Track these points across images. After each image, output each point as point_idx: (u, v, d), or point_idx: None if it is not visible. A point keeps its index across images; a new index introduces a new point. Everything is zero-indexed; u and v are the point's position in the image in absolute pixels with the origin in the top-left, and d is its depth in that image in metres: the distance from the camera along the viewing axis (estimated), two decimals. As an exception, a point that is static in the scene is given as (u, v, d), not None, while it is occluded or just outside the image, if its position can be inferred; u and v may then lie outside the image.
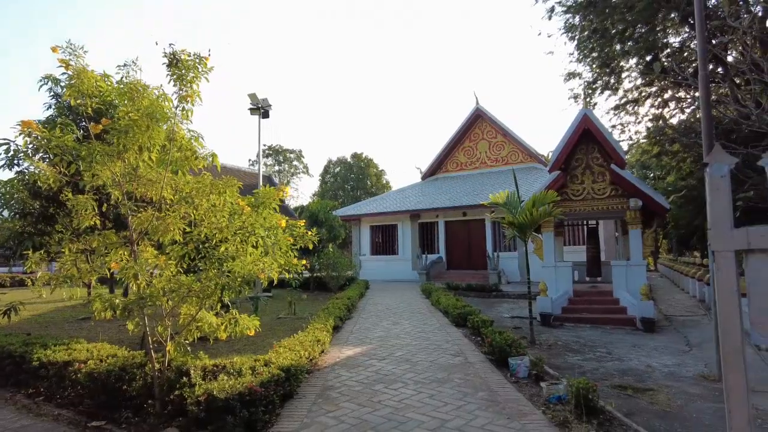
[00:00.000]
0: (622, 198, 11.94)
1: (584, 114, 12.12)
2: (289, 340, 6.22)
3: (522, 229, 8.84)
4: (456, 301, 10.98)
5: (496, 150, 26.10)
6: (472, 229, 23.37)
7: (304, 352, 5.75)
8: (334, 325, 8.63)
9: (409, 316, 10.69)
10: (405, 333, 8.50)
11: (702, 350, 8.30)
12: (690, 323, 11.38)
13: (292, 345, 5.87)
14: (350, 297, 11.62)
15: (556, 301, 11.77)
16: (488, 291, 17.05)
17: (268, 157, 57.77)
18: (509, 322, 11.39)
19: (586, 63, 17.49)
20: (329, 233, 18.43)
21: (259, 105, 17.24)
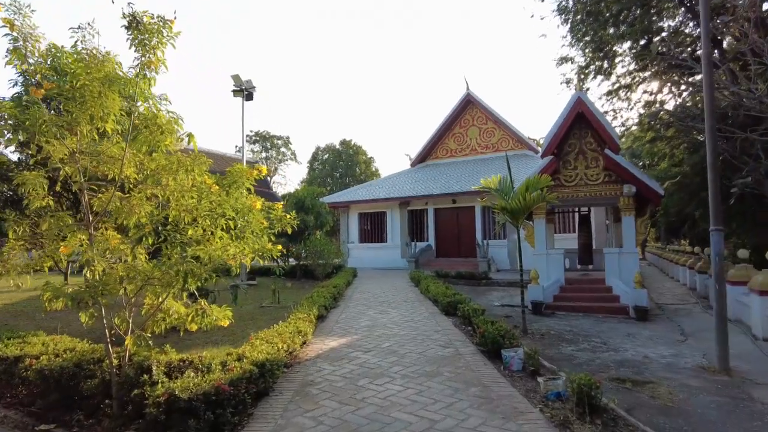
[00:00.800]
0: (616, 184, 11.64)
1: (578, 97, 11.74)
2: (268, 331, 5.80)
3: (514, 214, 8.48)
4: (446, 289, 10.64)
5: (487, 136, 25.71)
6: (461, 216, 23.04)
7: (283, 344, 5.33)
8: (319, 314, 8.22)
9: (398, 304, 10.33)
10: (393, 322, 8.12)
11: (697, 340, 8.06)
12: (682, 312, 11.18)
13: (270, 337, 5.44)
14: (337, 285, 11.21)
15: (547, 289, 11.49)
16: (478, 279, 16.77)
17: (255, 144, 56.80)
18: (500, 311, 11.09)
19: (579, 47, 17.10)
20: (316, 220, 17.92)
21: (242, 87, 16.58)
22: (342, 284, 12.35)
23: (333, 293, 10.01)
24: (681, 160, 14.79)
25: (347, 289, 13.02)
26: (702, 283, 13.41)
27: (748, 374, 5.89)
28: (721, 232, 6.03)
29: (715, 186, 6.17)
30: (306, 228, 17.37)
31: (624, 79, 17.29)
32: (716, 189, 6.14)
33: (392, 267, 22.85)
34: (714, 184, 6.17)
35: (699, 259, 14.55)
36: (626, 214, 11.59)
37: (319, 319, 8.27)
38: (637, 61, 16.08)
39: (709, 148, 6.14)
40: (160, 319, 4.52)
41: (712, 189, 6.14)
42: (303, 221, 17.36)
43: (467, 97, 25.85)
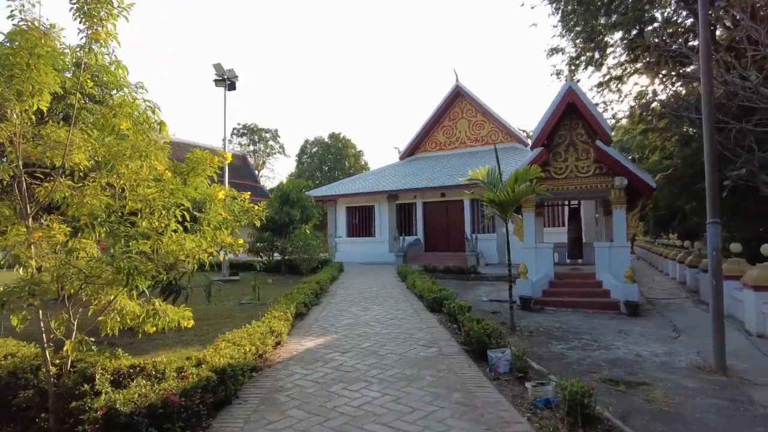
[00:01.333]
0: (607, 176, 11.33)
1: (569, 87, 11.39)
2: (237, 332, 5.37)
3: (503, 207, 8.12)
4: (432, 284, 10.28)
5: (476, 129, 25.36)
6: (450, 210, 22.71)
7: (251, 347, 4.91)
8: (297, 312, 7.81)
9: (382, 300, 9.95)
10: (375, 320, 7.74)
11: (691, 336, 7.79)
12: (674, 307, 10.94)
13: (238, 338, 5.02)
14: (320, 281, 10.79)
15: (536, 284, 11.18)
16: (466, 273, 16.46)
17: (242, 137, 55.94)
18: (487, 306, 10.76)
19: (570, 38, 16.76)
20: (302, 214, 17.45)
21: (224, 76, 16.03)
22: (326, 279, 11.93)
23: (315, 289, 9.59)
24: (672, 153, 14.55)
25: (331, 285, 12.61)
26: (692, 277, 13.20)
27: (746, 374, 5.60)
28: (718, 225, 5.70)
29: (713, 177, 5.83)
30: (291, 222, 16.92)
31: (615, 71, 17.00)
32: (714, 180, 5.80)
33: (380, 261, 22.48)
34: (711, 175, 5.83)
35: (689, 253, 14.35)
36: (617, 208, 11.30)
37: (297, 317, 7.86)
38: (628, 51, 15.78)
39: (707, 137, 5.80)
40: (113, 319, 4.07)
41: (709, 180, 5.80)
42: (288, 215, 16.91)
43: (456, 89, 25.45)
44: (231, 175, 44.26)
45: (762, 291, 7.68)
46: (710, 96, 5.80)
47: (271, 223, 17.20)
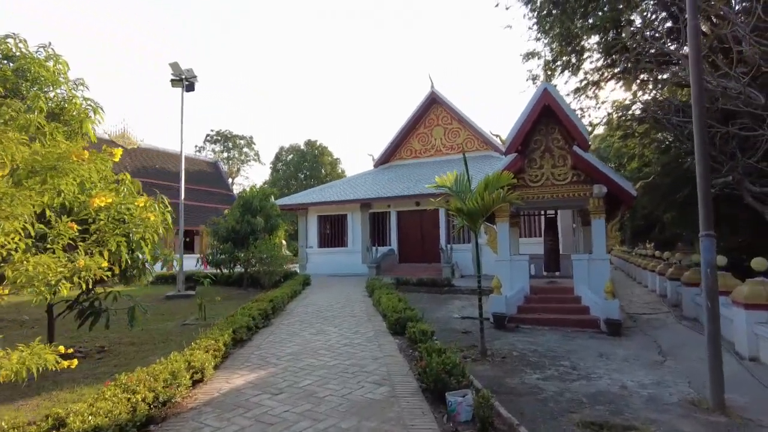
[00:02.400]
0: (585, 184, 10.65)
1: (544, 89, 10.71)
2: (139, 372, 4.33)
3: (472, 216, 7.29)
4: (398, 301, 9.37)
5: (452, 137, 24.74)
6: (425, 219, 21.92)
7: (150, 393, 3.89)
8: (237, 338, 6.78)
9: (342, 321, 8.98)
10: (327, 347, 6.76)
11: (678, 360, 7.04)
12: (656, 323, 10.27)
13: (135, 382, 3.99)
14: (274, 298, 9.75)
15: (511, 299, 10.38)
16: (440, 286, 15.63)
17: (216, 143, 54.48)
18: (459, 325, 9.90)
19: (546, 41, 16.23)
20: (266, 223, 16.37)
21: (181, 76, 14.93)
22: (285, 296, 10.90)
23: (264, 309, 8.56)
24: (651, 161, 14.05)
25: (292, 302, 11.58)
26: (673, 290, 12.61)
27: (748, 411, 4.82)
28: (713, 238, 4.92)
29: (705, 183, 5.06)
30: (253, 232, 15.83)
31: (592, 76, 16.52)
32: (706, 187, 5.03)
33: (353, 273, 21.49)
34: (704, 180, 5.06)
35: (669, 265, 13.78)
36: (596, 217, 10.62)
37: (237, 343, 6.83)
38: (605, 55, 15.30)
39: (698, 138, 5.05)
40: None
41: (702, 186, 5.02)
42: (250, 224, 15.83)
43: (432, 96, 24.83)
44: (202, 183, 42.75)
45: (754, 309, 7.00)
46: (700, 90, 5.06)
47: (233, 234, 16.11)
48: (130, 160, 37.95)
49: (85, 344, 7.59)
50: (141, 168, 37.84)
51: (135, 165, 37.97)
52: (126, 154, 38.11)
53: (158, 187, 37.60)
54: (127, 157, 37.88)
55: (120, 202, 4.55)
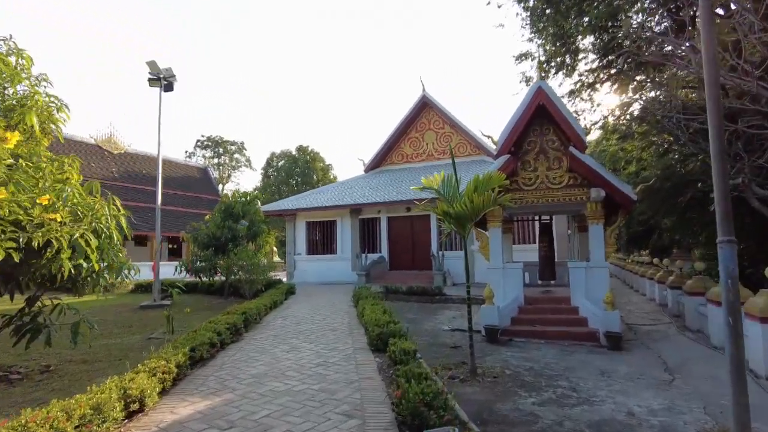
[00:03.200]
0: (582, 188, 10.04)
1: (538, 87, 10.12)
2: (57, 405, 3.59)
3: (460, 221, 6.64)
4: (382, 313, 8.67)
5: (444, 141, 24.16)
6: (416, 225, 21.29)
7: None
8: (198, 356, 6.05)
9: (320, 335, 8.26)
10: (297, 367, 6.04)
11: (687, 379, 6.39)
12: (657, 335, 9.63)
13: (38, 423, 3.24)
14: (248, 310, 9.00)
15: (504, 310, 9.71)
16: (430, 295, 14.96)
17: (206, 149, 53.71)
18: (448, 338, 9.22)
19: (539, 41, 15.71)
20: (249, 230, 15.64)
21: (159, 75, 14.23)
22: (262, 307, 10.16)
23: (235, 322, 7.81)
24: (649, 164, 13.48)
25: (270, 313, 10.84)
26: (674, 299, 11.98)
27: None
28: (734, 244, 4.25)
29: (723, 181, 4.41)
30: (234, 238, 15.09)
31: (587, 78, 16.00)
32: (724, 185, 4.38)
33: (342, 281, 20.77)
34: (721, 178, 4.41)
35: (669, 273, 13.19)
36: (594, 223, 10.00)
37: (197, 363, 6.10)
38: (601, 57, 14.79)
39: (713, 130, 4.40)
40: None
41: (719, 185, 4.37)
42: (231, 230, 15.10)
43: (423, 99, 24.27)
44: (190, 189, 41.89)
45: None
46: (715, 71, 4.41)
47: (214, 240, 15.37)
48: (116, 165, 37.14)
49: (30, 363, 6.83)
50: (127, 173, 37.01)
51: (121, 170, 37.15)
52: (112, 159, 37.27)
53: (144, 193, 36.61)
54: (113, 162, 37.10)
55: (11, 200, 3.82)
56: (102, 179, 34.63)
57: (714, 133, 4.39)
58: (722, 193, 4.36)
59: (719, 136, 4.37)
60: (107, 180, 34.93)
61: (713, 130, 4.42)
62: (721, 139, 4.39)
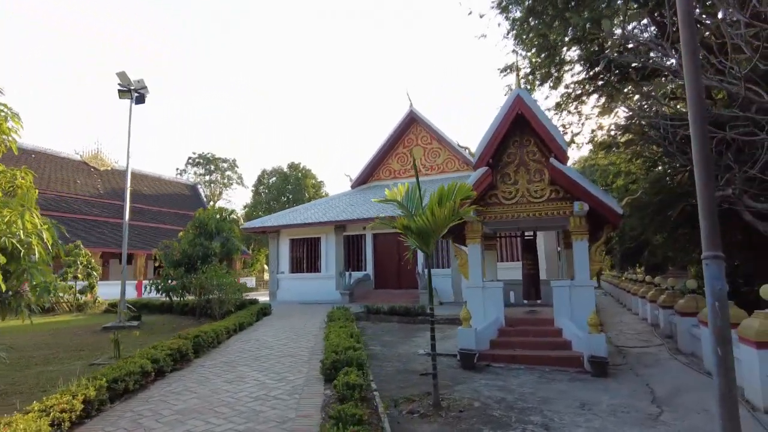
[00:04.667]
0: (565, 201, 9.45)
1: (516, 95, 9.61)
2: None
3: (423, 236, 6.01)
4: (348, 336, 7.99)
5: (432, 157, 23.72)
6: (402, 243, 20.57)
7: None
8: (120, 389, 5.32)
9: (275, 362, 7.53)
10: (232, 401, 5.31)
11: (675, 411, 5.70)
12: (648, 359, 8.93)
13: None
14: (202, 333, 8.28)
15: (482, 332, 9.02)
16: (413, 315, 14.25)
17: (197, 166, 53.26)
18: (421, 364, 8.53)
19: (523, 52, 15.33)
20: (223, 247, 14.96)
21: (129, 87, 13.73)
22: (223, 329, 9.44)
23: (180, 347, 7.09)
24: (638, 177, 12.95)
25: (234, 336, 10.11)
26: (666, 319, 11.30)
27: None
28: (721, 260, 3.61)
29: (708, 191, 3.81)
30: (207, 256, 14.40)
31: (574, 90, 15.60)
32: (709, 195, 3.78)
33: (326, 300, 20.02)
34: (705, 186, 3.81)
35: (661, 291, 12.52)
36: (578, 239, 9.38)
37: (121, 396, 5.38)
38: (587, 68, 14.39)
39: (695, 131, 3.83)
40: None
41: (703, 195, 3.77)
42: (204, 247, 14.42)
43: (410, 115, 23.91)
44: (179, 206, 41.19)
45: (767, 349, 5.70)
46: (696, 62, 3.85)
47: (186, 258, 14.68)
48: (102, 181, 36.56)
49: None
50: (113, 190, 36.41)
51: (107, 187, 36.56)
52: (98, 176, 36.71)
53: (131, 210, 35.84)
54: (99, 179, 36.52)
55: None
56: (88, 196, 34.01)
57: (697, 133, 3.80)
58: (707, 202, 3.74)
59: (702, 135, 3.77)
60: (93, 197, 34.36)
61: (696, 130, 3.83)
62: (704, 139, 3.79)
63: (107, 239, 30.26)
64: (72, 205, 31.94)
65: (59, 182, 32.95)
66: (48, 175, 32.69)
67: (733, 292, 10.65)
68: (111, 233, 31.05)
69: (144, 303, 17.20)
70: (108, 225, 32.26)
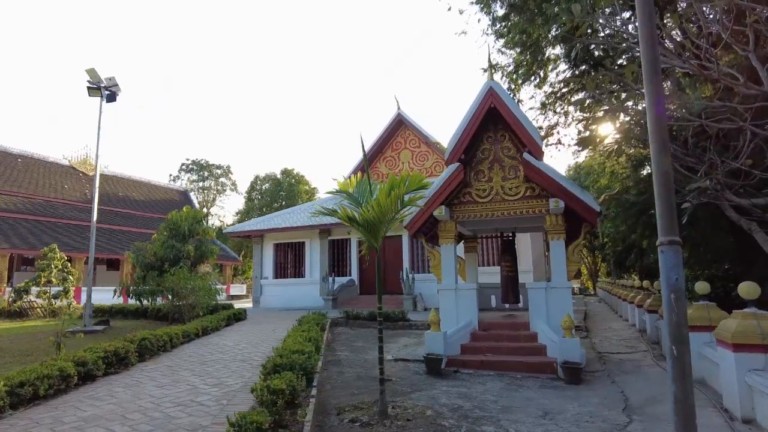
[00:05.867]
0: (540, 199, 8.99)
1: (489, 87, 9.18)
2: None
3: (370, 228, 5.54)
4: (305, 342, 7.48)
5: (420, 160, 23.31)
6: (388, 247, 20.15)
7: None
8: (28, 394, 4.80)
9: (221, 368, 6.99)
10: (151, 407, 4.76)
11: (648, 422, 5.19)
12: (629, 365, 8.41)
13: None
14: (151, 336, 7.76)
15: (452, 337, 8.52)
16: (393, 320, 13.73)
17: (191, 172, 52.89)
18: (389, 369, 7.97)
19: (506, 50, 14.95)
20: (197, 250, 14.47)
21: (99, 84, 13.32)
22: (179, 333, 8.93)
23: (117, 350, 6.56)
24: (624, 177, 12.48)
25: (195, 340, 9.59)
26: (652, 324, 10.79)
27: None
28: (677, 246, 3.12)
29: (662, 162, 3.35)
30: (179, 259, 13.91)
31: (559, 90, 15.18)
32: (664, 168, 3.32)
33: (309, 306, 19.45)
34: (660, 158, 3.35)
35: (648, 295, 12.01)
36: (554, 238, 8.91)
37: (30, 401, 4.87)
38: (572, 66, 13.99)
39: (648, 87, 3.36)
40: None
41: (659, 170, 3.33)
42: (175, 250, 13.93)
43: (398, 118, 23.51)
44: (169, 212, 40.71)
45: (744, 351, 5.20)
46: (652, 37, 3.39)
47: (158, 261, 14.20)
48: (90, 187, 36.10)
49: None
50: (102, 195, 35.95)
51: (96, 192, 36.05)
52: (87, 181, 36.28)
53: (120, 216, 35.22)
54: (88, 184, 36.08)
55: None
56: (76, 201, 33.58)
57: (650, 93, 3.32)
58: (663, 179, 3.26)
59: (655, 92, 3.28)
60: (81, 202, 33.91)
61: (649, 90, 3.35)
62: (658, 102, 3.31)
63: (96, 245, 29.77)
64: (59, 210, 31.51)
65: (47, 187, 32.57)
66: (36, 180, 32.31)
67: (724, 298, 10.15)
68: (99, 239, 30.57)
69: (119, 308, 16.69)
70: (96, 230, 31.75)
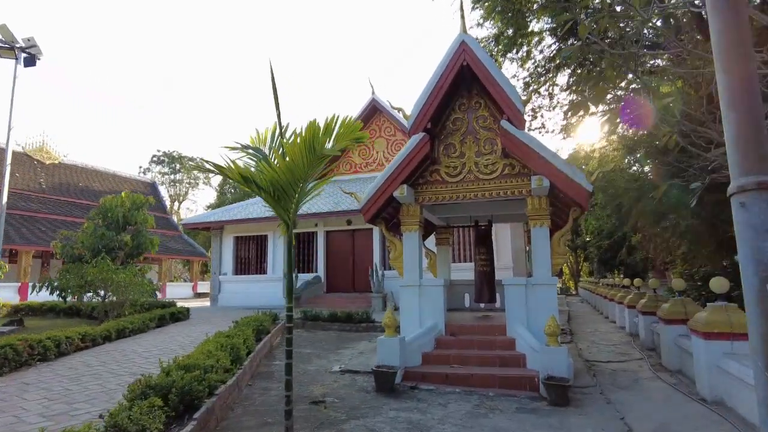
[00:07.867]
0: (521, 178, 7.46)
1: (461, 41, 7.59)
2: None
3: (278, 194, 3.89)
4: (217, 351, 5.84)
5: (395, 149, 21.66)
6: (357, 241, 18.59)
7: None
8: None
9: (89, 387, 5.26)
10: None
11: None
12: (624, 378, 6.89)
13: None
14: (20, 344, 6.02)
15: (412, 343, 6.93)
16: (356, 322, 12.15)
17: (161, 164, 50.47)
18: (324, 386, 6.37)
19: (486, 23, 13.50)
20: (133, 241, 12.63)
21: (13, 44, 11.38)
22: (78, 335, 7.20)
23: None
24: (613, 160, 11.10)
25: (100, 346, 7.85)
26: (647, 328, 9.33)
27: None
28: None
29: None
30: (110, 251, 12.06)
31: (544, 68, 13.77)
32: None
33: (271, 305, 17.64)
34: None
35: (641, 295, 10.60)
36: (537, 224, 7.37)
37: None
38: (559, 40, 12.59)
39: None
40: None
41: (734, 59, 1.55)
42: (104, 240, 12.07)
43: (373, 103, 21.86)
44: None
45: (715, 339, 4.07)
46: None
47: (91, 252, 12.32)
48: (46, 176, 33.70)
49: None
50: (60, 185, 33.60)
51: (53, 182, 33.68)
52: (42, 170, 33.80)
53: (79, 207, 32.71)
54: (43, 173, 33.65)
55: None
56: (27, 191, 31.16)
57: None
58: (745, 83, 1.65)
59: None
60: (33, 192, 31.49)
61: None
62: None
63: (47, 237, 27.47)
64: (9, 200, 29.07)
65: (-5, 175, 30.07)
66: (-18, 166, 29.84)
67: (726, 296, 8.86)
68: (54, 230, 28.27)
69: (51, 306, 14.71)
70: (47, 222, 29.46)
